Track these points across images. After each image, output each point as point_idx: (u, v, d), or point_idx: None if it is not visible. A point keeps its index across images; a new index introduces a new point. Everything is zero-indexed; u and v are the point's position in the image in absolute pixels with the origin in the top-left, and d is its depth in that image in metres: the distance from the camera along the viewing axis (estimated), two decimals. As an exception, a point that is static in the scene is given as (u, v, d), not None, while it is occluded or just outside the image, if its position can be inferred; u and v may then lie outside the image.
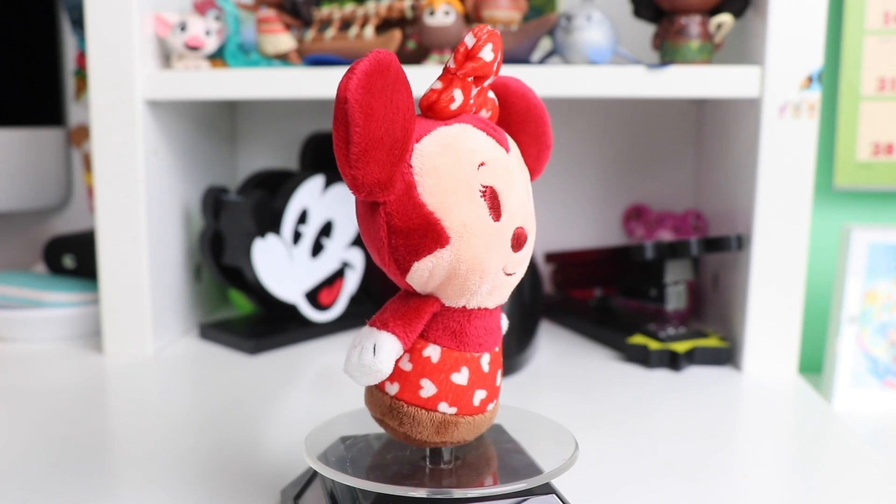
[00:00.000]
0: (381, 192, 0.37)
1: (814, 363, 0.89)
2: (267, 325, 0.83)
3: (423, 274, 0.38)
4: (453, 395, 0.40)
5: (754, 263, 0.72)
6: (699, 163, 0.95)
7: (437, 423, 0.40)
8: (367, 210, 0.38)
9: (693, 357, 0.74)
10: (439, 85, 0.39)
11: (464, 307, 0.40)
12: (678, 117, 0.97)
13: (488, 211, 0.38)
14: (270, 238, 0.80)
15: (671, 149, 0.98)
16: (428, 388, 0.39)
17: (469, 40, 0.38)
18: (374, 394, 0.41)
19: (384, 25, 0.77)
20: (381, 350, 0.38)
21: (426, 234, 0.37)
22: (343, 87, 0.35)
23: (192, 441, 0.58)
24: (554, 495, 0.41)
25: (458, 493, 0.38)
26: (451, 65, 0.39)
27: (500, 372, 0.42)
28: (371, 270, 0.89)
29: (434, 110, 0.39)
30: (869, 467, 0.55)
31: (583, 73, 0.71)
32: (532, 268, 0.87)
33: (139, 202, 0.75)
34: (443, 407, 0.40)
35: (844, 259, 0.76)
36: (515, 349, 0.74)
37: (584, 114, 0.98)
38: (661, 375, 0.73)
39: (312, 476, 0.46)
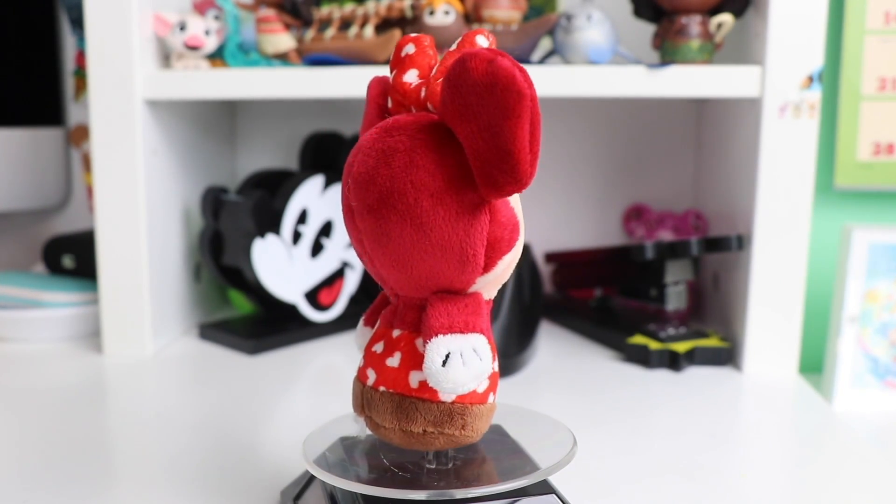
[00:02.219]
0: None
1: (814, 363, 0.89)
2: (267, 325, 0.83)
3: (501, 269, 0.39)
4: (495, 383, 0.41)
5: (755, 263, 0.72)
6: (699, 163, 0.95)
7: (488, 414, 0.41)
8: (462, 211, 0.36)
9: (693, 357, 0.74)
10: None
11: (489, 299, 0.41)
12: (678, 117, 0.97)
13: None
14: (270, 238, 0.80)
15: (671, 149, 0.98)
16: (483, 382, 0.40)
17: (484, 43, 0.39)
18: (423, 407, 0.39)
19: (384, 25, 0.77)
20: (485, 351, 0.37)
21: (514, 228, 0.39)
22: (523, 83, 0.33)
23: (191, 441, 0.57)
24: (553, 495, 0.41)
25: (460, 494, 0.38)
26: None
27: None
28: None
29: None
30: (869, 467, 0.55)
31: (583, 73, 0.71)
32: (532, 268, 0.87)
33: (139, 202, 0.75)
34: (490, 397, 0.41)
35: (845, 259, 0.75)
36: (515, 349, 0.74)
37: (584, 114, 0.98)
38: (662, 376, 0.73)
39: (312, 476, 0.46)
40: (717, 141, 0.87)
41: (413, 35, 0.41)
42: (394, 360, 0.40)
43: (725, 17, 0.73)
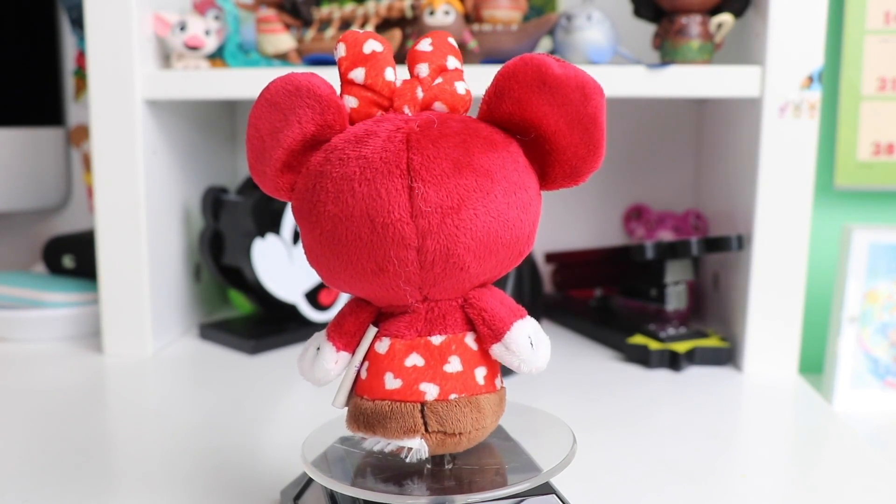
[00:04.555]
0: None
1: (814, 363, 0.89)
2: (266, 325, 0.83)
3: None
4: None
5: (755, 263, 0.72)
6: (699, 163, 0.95)
7: None
8: (530, 203, 0.39)
9: (693, 357, 0.74)
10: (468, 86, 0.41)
11: None
12: (679, 117, 0.97)
13: None
14: (270, 238, 0.80)
15: (671, 149, 0.98)
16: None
17: (455, 44, 0.41)
18: (492, 400, 0.40)
19: (384, 25, 0.77)
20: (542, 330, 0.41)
21: None
22: (600, 86, 0.38)
23: (191, 441, 0.57)
24: (554, 495, 0.41)
25: (460, 500, 0.38)
26: (462, 67, 0.41)
27: None
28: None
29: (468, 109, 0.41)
30: (869, 468, 0.55)
31: (583, 73, 0.71)
32: (532, 268, 0.87)
33: (139, 202, 0.75)
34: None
35: (845, 259, 0.75)
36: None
37: (584, 114, 0.98)
38: (662, 376, 0.73)
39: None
40: (718, 141, 0.87)
41: (365, 31, 0.40)
42: (454, 366, 0.39)
43: (725, 18, 0.73)
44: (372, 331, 0.40)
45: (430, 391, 0.38)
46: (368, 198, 0.36)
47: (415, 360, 0.39)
